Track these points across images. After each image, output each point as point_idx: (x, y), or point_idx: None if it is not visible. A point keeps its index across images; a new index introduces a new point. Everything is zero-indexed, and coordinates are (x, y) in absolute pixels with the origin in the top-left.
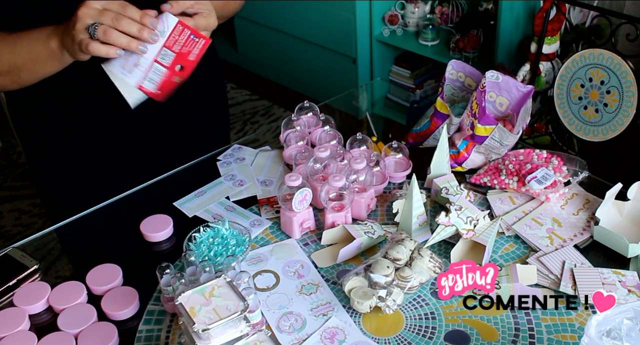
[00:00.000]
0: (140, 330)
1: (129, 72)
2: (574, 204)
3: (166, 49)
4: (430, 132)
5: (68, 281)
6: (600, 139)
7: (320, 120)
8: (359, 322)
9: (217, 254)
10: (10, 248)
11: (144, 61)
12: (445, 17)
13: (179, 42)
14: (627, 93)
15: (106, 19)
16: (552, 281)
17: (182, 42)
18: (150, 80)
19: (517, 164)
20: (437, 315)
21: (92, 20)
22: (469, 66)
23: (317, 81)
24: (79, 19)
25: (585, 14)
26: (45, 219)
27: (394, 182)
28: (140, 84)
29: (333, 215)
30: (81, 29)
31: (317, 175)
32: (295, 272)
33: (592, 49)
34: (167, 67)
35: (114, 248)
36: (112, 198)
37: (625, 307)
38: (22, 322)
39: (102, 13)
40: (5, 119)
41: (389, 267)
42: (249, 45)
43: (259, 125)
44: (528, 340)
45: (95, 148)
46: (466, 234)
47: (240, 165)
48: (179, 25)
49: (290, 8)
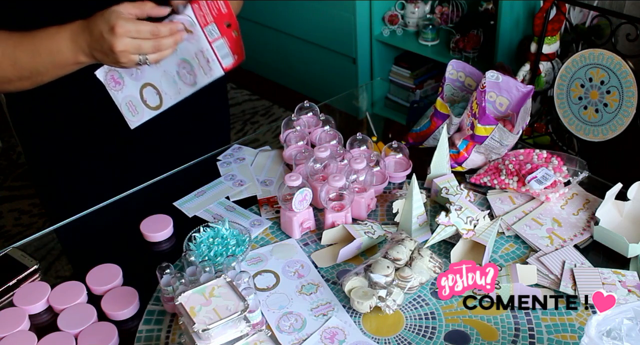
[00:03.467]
0: (140, 330)
1: (209, 69)
2: (574, 204)
3: (205, 27)
4: (430, 132)
5: (68, 281)
6: (600, 139)
7: (320, 120)
8: (359, 322)
9: (217, 254)
10: (10, 248)
11: (208, 53)
12: (445, 17)
13: (207, 14)
14: (627, 93)
15: (147, 48)
16: (552, 281)
17: (208, 11)
18: (223, 57)
19: (517, 164)
20: (437, 315)
21: (133, 54)
22: (469, 66)
23: (317, 81)
24: (120, 54)
25: (585, 14)
26: (45, 219)
27: (394, 182)
28: (223, 67)
29: (333, 215)
30: (130, 61)
31: (317, 175)
32: (295, 272)
33: (592, 49)
34: (222, 35)
35: (114, 248)
36: (112, 198)
37: (625, 307)
38: (22, 322)
39: (139, 46)
40: (5, 119)
41: (389, 267)
42: (249, 45)
43: (259, 125)
44: (528, 340)
45: (95, 148)
46: (466, 234)
47: (240, 165)
48: (194, 6)
49: (290, 8)
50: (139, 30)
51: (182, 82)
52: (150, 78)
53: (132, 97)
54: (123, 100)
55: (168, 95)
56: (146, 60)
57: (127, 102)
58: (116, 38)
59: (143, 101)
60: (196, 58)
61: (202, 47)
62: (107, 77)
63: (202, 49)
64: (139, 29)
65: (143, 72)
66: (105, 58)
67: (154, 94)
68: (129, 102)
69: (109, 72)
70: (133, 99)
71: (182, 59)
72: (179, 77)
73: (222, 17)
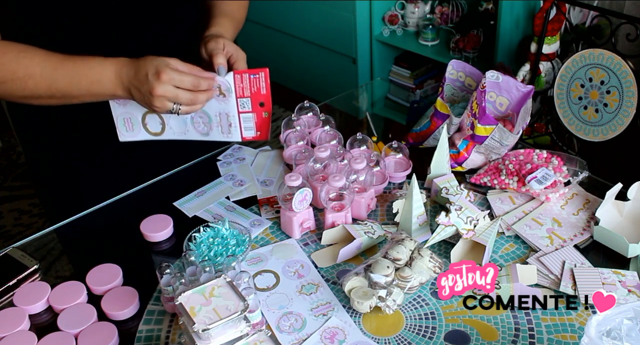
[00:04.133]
0: (140, 330)
1: (228, 131)
2: (574, 204)
3: (240, 98)
4: (430, 132)
5: (68, 281)
6: (600, 139)
7: (320, 120)
8: (359, 322)
9: (217, 254)
10: (10, 248)
11: (233, 119)
12: (445, 17)
13: (245, 87)
14: (627, 93)
15: (183, 99)
16: (552, 281)
17: (248, 85)
18: (247, 129)
19: (517, 164)
20: (437, 315)
21: (169, 101)
22: (469, 66)
23: (317, 81)
24: (156, 98)
25: (585, 14)
26: (45, 219)
27: (394, 182)
28: (243, 136)
29: (333, 215)
30: (163, 107)
31: (317, 175)
32: (295, 272)
33: (592, 49)
34: (252, 111)
35: (114, 248)
36: (112, 198)
37: (625, 307)
38: (22, 322)
39: (177, 95)
40: (5, 119)
41: (389, 267)
42: (249, 45)
43: None
44: (528, 340)
45: (95, 148)
46: (466, 234)
47: (240, 165)
48: (236, 75)
49: (290, 8)
50: (182, 81)
51: (194, 127)
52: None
53: (132, 115)
54: (120, 115)
55: (172, 129)
56: (179, 110)
57: (125, 117)
58: (159, 83)
59: (143, 124)
60: (218, 117)
61: (228, 111)
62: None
63: (229, 113)
64: (182, 79)
65: None
66: (142, 98)
67: (157, 122)
68: (127, 119)
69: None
70: (132, 117)
71: (203, 110)
72: (191, 122)
73: (258, 96)
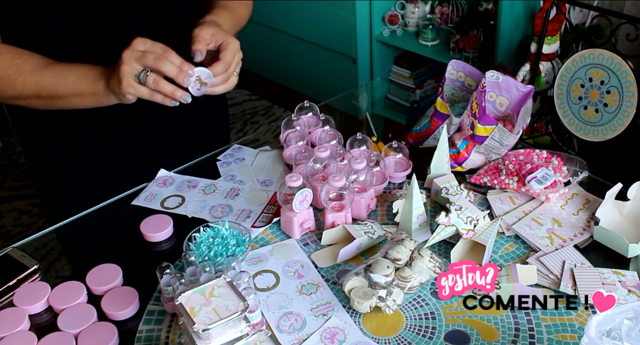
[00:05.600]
0: (140, 330)
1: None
2: (574, 204)
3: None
4: (430, 132)
5: (68, 281)
6: (600, 139)
7: (320, 120)
8: (359, 322)
9: (217, 254)
10: (10, 248)
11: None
12: (445, 17)
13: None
14: (627, 93)
15: (149, 60)
16: (552, 281)
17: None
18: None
19: (517, 164)
20: (437, 315)
21: (136, 61)
22: (469, 66)
23: (317, 81)
24: (124, 61)
25: (585, 14)
26: (45, 219)
27: (394, 182)
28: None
29: (333, 215)
30: (128, 72)
31: (317, 175)
32: (295, 272)
33: (592, 49)
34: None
35: (114, 248)
36: (112, 198)
37: (625, 307)
38: (22, 322)
39: (145, 55)
40: (5, 119)
41: (389, 267)
42: (249, 45)
43: (259, 125)
44: (528, 340)
45: (95, 148)
46: (466, 234)
47: (240, 165)
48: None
49: (290, 8)
50: (154, 44)
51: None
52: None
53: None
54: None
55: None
56: (146, 80)
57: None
58: (129, 48)
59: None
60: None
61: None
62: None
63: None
64: (153, 43)
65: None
66: (113, 75)
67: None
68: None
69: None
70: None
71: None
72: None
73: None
